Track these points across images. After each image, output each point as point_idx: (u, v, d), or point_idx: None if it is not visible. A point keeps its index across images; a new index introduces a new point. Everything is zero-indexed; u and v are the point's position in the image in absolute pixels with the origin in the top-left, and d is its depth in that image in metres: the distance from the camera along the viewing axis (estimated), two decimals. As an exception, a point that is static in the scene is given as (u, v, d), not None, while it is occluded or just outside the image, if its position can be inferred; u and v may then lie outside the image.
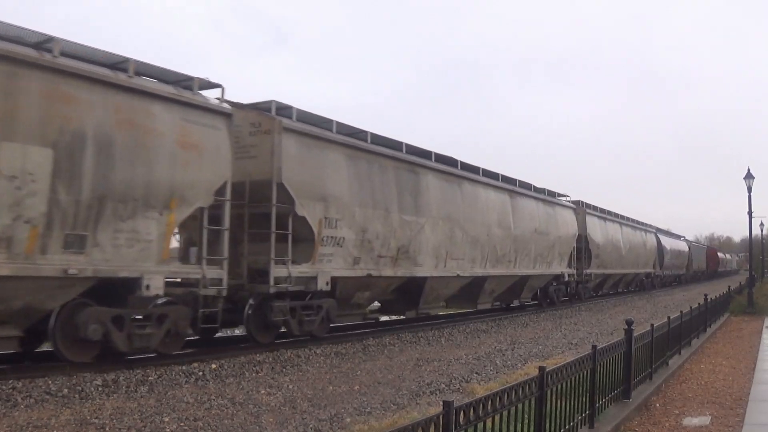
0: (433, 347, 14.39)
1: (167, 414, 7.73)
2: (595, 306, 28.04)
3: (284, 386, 9.56)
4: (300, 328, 13.11)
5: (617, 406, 7.93)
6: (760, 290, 29.37)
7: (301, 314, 13.07)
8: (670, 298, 33.79)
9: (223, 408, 8.17)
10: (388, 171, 15.47)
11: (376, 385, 9.85)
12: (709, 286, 43.81)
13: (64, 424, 7.16)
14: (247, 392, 9.12)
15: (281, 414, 7.97)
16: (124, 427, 7.13)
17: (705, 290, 25.01)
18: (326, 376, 10.56)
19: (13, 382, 8.54)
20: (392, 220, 15.30)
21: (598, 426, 6.90)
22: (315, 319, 13.32)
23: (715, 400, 9.31)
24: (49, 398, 8.21)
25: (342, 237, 13.82)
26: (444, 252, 17.40)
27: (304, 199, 12.91)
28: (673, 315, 12.49)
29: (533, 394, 5.25)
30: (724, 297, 23.22)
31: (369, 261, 14.66)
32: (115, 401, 8.30)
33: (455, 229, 17.94)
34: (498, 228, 20.34)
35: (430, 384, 9.96)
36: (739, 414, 8.42)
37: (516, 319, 21.13)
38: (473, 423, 4.17)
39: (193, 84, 11.18)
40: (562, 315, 23.33)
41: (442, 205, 17.44)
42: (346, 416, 7.86)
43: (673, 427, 7.83)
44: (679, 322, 12.36)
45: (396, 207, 15.49)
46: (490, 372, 11.18)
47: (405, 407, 8.40)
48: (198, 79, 11.29)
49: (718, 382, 10.62)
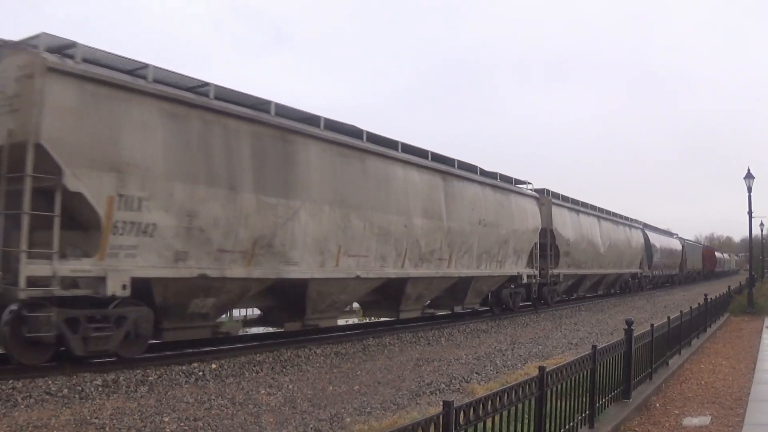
0: (433, 347, 14.39)
1: (167, 414, 7.73)
2: (595, 306, 28.03)
3: (284, 386, 9.57)
4: (86, 347, 9.55)
5: (617, 406, 7.93)
6: (760, 290, 29.35)
7: (88, 328, 9.54)
8: (670, 298, 33.77)
9: (223, 408, 8.17)
10: (241, 137, 11.71)
11: (376, 385, 9.85)
12: (707, 287, 41.48)
13: (64, 424, 7.16)
14: (247, 392, 9.12)
15: (281, 414, 7.97)
16: (124, 427, 7.13)
17: (700, 291, 25.00)
18: (326, 376, 10.56)
19: (13, 382, 8.54)
20: (242, 203, 11.53)
21: (598, 426, 6.90)
22: (111, 335, 9.82)
23: (715, 400, 9.31)
24: (49, 398, 8.21)
25: (152, 223, 10.19)
26: (335, 246, 13.47)
27: (81, 169, 9.36)
28: (673, 315, 12.49)
29: (533, 394, 5.25)
30: (724, 297, 23.22)
31: (203, 257, 10.97)
32: (115, 401, 8.30)
33: (352, 217, 13.85)
34: (423, 218, 16.21)
35: (430, 384, 9.96)
36: (739, 414, 8.42)
37: (516, 319, 21.12)
38: (473, 423, 4.17)
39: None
40: (562, 315, 23.32)
41: (330, 185, 13.41)
42: (346, 416, 7.87)
43: (673, 427, 7.82)
44: (679, 322, 12.36)
45: (250, 185, 11.70)
46: (490, 372, 11.18)
47: (405, 407, 8.40)
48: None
49: (718, 382, 10.62)
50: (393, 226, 15.12)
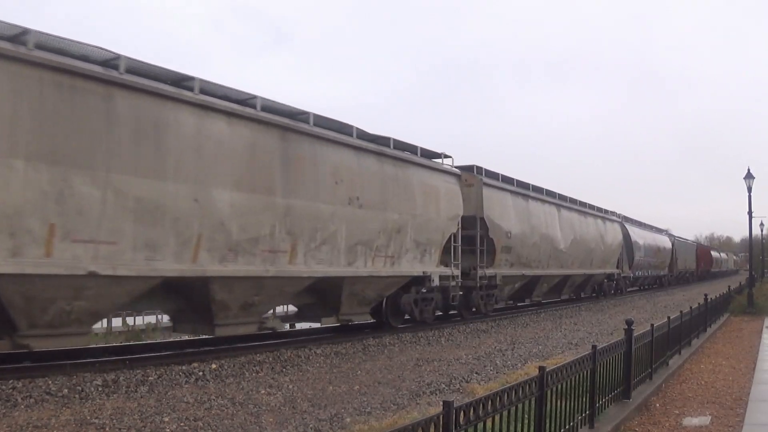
0: (433, 347, 14.39)
1: (167, 414, 7.73)
2: (595, 306, 28.02)
3: (284, 386, 9.57)
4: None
5: (617, 406, 7.93)
6: (760, 290, 29.36)
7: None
8: (670, 298, 33.78)
9: (223, 408, 8.17)
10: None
11: (376, 385, 9.85)
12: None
13: (64, 424, 7.16)
14: (247, 392, 9.12)
15: (281, 414, 7.97)
16: (124, 427, 7.13)
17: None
18: (326, 376, 10.57)
19: (13, 382, 8.55)
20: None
21: (598, 426, 6.90)
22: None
23: (715, 400, 9.32)
24: (49, 398, 8.22)
25: None
26: (41, 226, 8.74)
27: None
28: (673, 315, 12.50)
29: (533, 394, 5.26)
30: (724, 297, 23.24)
31: None
32: (115, 401, 8.31)
33: (79, 181, 9.06)
34: (236, 191, 11.19)
35: (430, 384, 9.96)
36: (739, 414, 8.43)
37: (516, 319, 21.10)
38: (473, 423, 4.17)
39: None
40: (562, 315, 23.31)
41: (30, 129, 8.60)
42: (346, 416, 7.87)
43: (673, 427, 7.83)
44: (679, 322, 12.37)
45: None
46: (490, 372, 11.18)
47: (405, 407, 8.40)
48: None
49: (718, 382, 10.62)
50: (171, 200, 10.22)
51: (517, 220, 21.39)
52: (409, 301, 16.28)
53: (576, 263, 27.05)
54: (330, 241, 13.16)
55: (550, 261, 24.27)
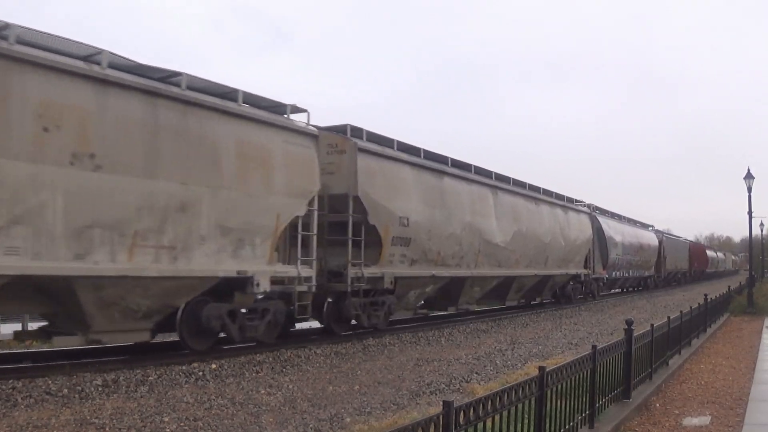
0: (433, 347, 14.39)
1: (167, 414, 7.73)
2: (595, 306, 28.03)
3: (284, 386, 9.57)
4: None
5: (617, 406, 7.93)
6: (760, 290, 29.38)
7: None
8: (670, 298, 33.78)
9: (223, 408, 8.17)
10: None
11: (376, 385, 9.86)
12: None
13: (64, 424, 7.16)
14: (247, 392, 9.12)
15: (281, 414, 7.97)
16: (124, 427, 7.13)
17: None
18: (326, 376, 10.57)
19: (13, 382, 8.55)
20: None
21: (598, 426, 6.90)
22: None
23: (715, 400, 9.32)
24: (49, 398, 8.22)
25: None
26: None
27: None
28: (672, 315, 12.50)
29: (533, 394, 5.26)
30: (724, 297, 23.25)
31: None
32: (115, 401, 8.31)
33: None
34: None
35: (430, 384, 9.97)
36: (739, 414, 8.43)
37: (516, 319, 21.11)
38: (473, 423, 4.17)
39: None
40: (562, 315, 23.31)
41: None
42: (346, 416, 7.87)
43: (673, 427, 7.83)
44: (679, 322, 12.37)
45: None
46: (490, 372, 11.19)
47: (405, 407, 8.40)
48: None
49: (718, 382, 10.63)
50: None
51: (420, 202, 16.04)
52: (219, 314, 11.34)
53: (522, 262, 21.63)
54: (29, 221, 8.63)
55: (481, 258, 18.91)
